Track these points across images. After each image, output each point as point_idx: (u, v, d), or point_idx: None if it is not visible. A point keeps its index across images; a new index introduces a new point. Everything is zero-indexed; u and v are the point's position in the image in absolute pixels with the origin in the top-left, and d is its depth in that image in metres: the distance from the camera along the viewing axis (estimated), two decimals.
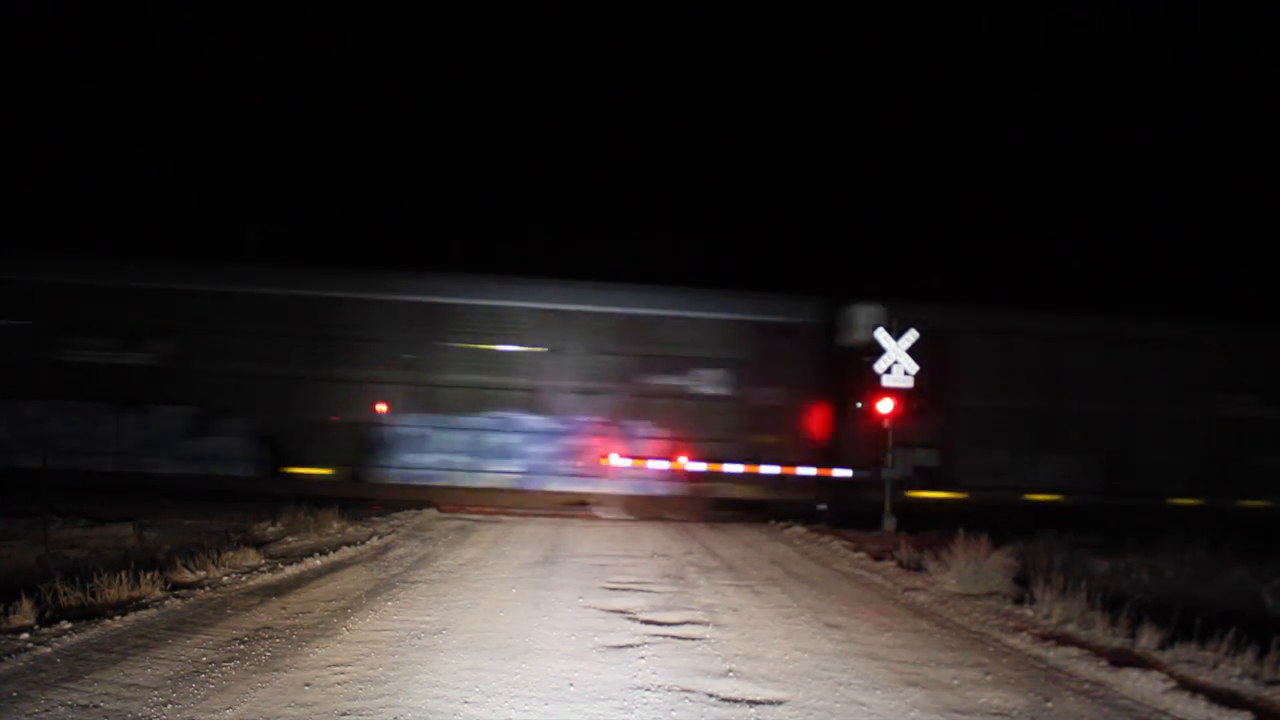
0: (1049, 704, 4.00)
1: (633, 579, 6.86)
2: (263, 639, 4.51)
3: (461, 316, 12.43)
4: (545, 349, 12.53)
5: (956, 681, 4.29)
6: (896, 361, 11.53)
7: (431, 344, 12.37)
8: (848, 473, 12.44)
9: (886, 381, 11.52)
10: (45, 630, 4.39)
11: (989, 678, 4.39)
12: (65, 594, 4.99)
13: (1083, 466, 13.01)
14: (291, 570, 6.57)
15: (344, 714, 3.41)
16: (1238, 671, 4.43)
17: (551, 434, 12.33)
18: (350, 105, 25.84)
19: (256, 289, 12.43)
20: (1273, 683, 4.28)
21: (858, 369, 12.06)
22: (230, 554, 6.67)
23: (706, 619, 5.46)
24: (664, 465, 12.27)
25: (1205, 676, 4.43)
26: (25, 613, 4.56)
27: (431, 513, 10.98)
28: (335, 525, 9.03)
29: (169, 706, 3.42)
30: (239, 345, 12.14)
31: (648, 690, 3.89)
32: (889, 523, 11.18)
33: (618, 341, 12.54)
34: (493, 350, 12.47)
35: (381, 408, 12.11)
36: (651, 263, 15.99)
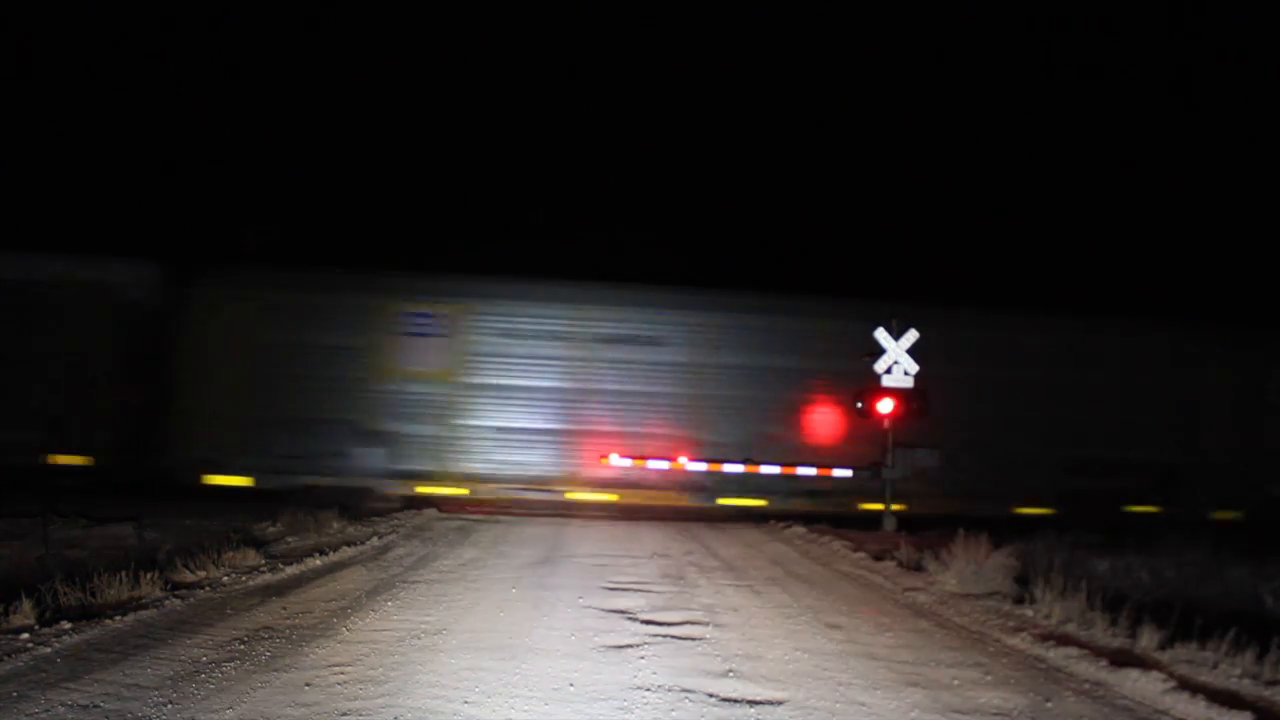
0: (1049, 704, 4.00)
1: (633, 579, 6.86)
2: (263, 639, 4.51)
3: None
4: None
5: (956, 681, 4.29)
6: (896, 361, 11.54)
7: None
8: (848, 472, 12.45)
9: (887, 381, 11.53)
10: (45, 630, 4.39)
11: (989, 678, 4.39)
12: (65, 594, 4.99)
13: None
14: (292, 570, 6.57)
15: (344, 714, 3.41)
16: (1238, 671, 4.43)
17: None
18: (344, 104, 25.63)
19: None
20: (1273, 683, 4.28)
21: None
22: (230, 554, 6.67)
23: (706, 619, 5.46)
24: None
25: (1205, 676, 4.43)
26: (25, 613, 4.56)
27: (432, 513, 10.99)
28: (335, 525, 9.03)
29: (169, 706, 3.42)
30: None
31: (648, 690, 3.89)
32: (889, 522, 11.18)
33: None
34: None
35: None
36: None
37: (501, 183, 24.11)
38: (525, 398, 12.52)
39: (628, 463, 12.34)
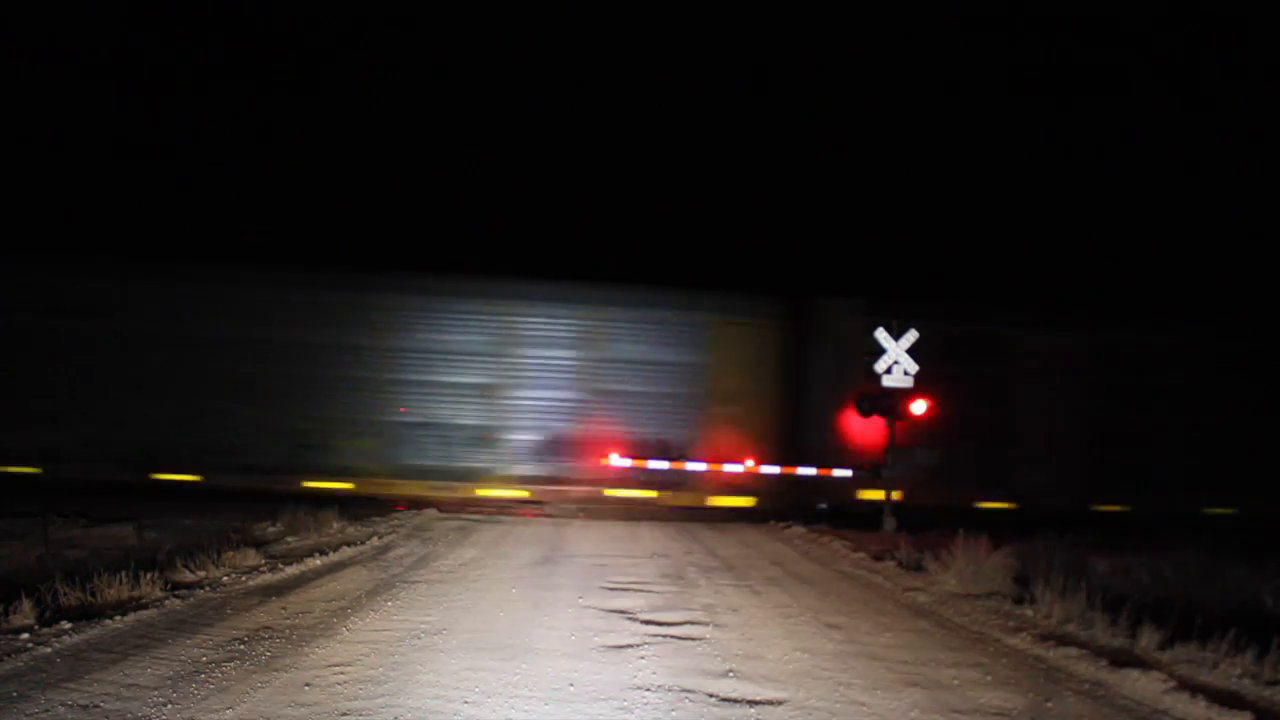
0: (1049, 704, 4.00)
1: (633, 579, 6.86)
2: (263, 639, 4.51)
3: None
4: None
5: (956, 681, 4.29)
6: (896, 361, 11.54)
7: None
8: (848, 473, 12.44)
9: (887, 381, 11.53)
10: (45, 630, 4.39)
11: (989, 678, 4.39)
12: (65, 594, 4.99)
13: None
14: (291, 570, 6.57)
15: (344, 714, 3.41)
16: (1238, 671, 4.43)
17: None
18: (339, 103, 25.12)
19: None
20: (1273, 683, 4.28)
21: None
22: (230, 554, 6.67)
23: (706, 619, 5.46)
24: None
25: (1205, 676, 4.43)
26: (25, 613, 4.56)
27: (431, 513, 10.98)
28: (335, 525, 9.03)
29: (169, 706, 3.42)
30: None
31: (648, 690, 3.89)
32: (889, 523, 11.18)
33: None
34: None
35: None
36: None
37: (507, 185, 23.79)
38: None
39: None
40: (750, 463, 12.46)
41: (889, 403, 11.52)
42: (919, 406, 11.50)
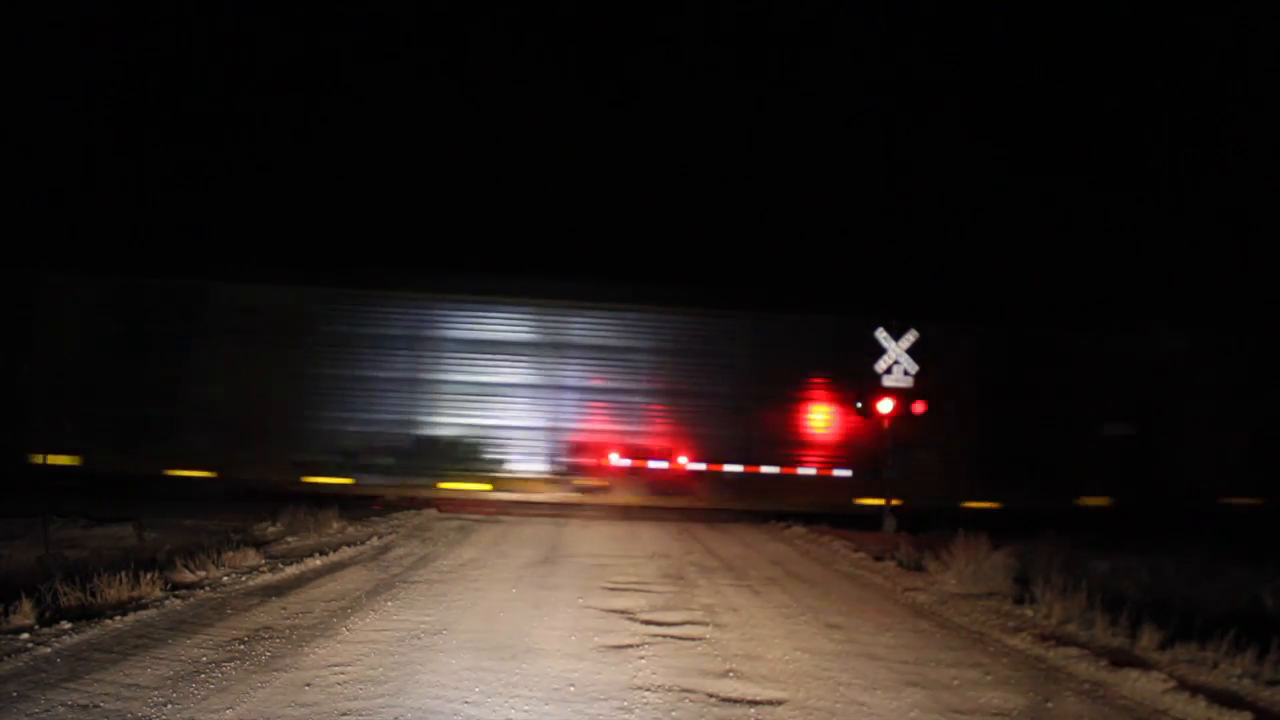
0: (1049, 704, 4.00)
1: (633, 579, 6.86)
2: (263, 639, 4.51)
3: None
4: None
5: (956, 681, 4.29)
6: (897, 361, 11.55)
7: None
8: (848, 473, 12.46)
9: (887, 381, 11.54)
10: (45, 630, 4.39)
11: (989, 678, 4.39)
12: (65, 594, 4.99)
13: None
14: (292, 570, 6.57)
15: (344, 714, 3.41)
16: (1238, 671, 4.43)
17: None
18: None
19: None
20: (1273, 683, 4.28)
21: None
22: (230, 554, 6.67)
23: (706, 619, 5.46)
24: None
25: (1205, 676, 4.43)
26: (25, 613, 4.56)
27: (431, 513, 10.99)
28: (335, 525, 9.03)
29: (169, 706, 3.42)
30: None
31: (648, 690, 3.89)
32: (889, 523, 11.18)
33: None
34: None
35: None
36: None
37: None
38: None
39: None
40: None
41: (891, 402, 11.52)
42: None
